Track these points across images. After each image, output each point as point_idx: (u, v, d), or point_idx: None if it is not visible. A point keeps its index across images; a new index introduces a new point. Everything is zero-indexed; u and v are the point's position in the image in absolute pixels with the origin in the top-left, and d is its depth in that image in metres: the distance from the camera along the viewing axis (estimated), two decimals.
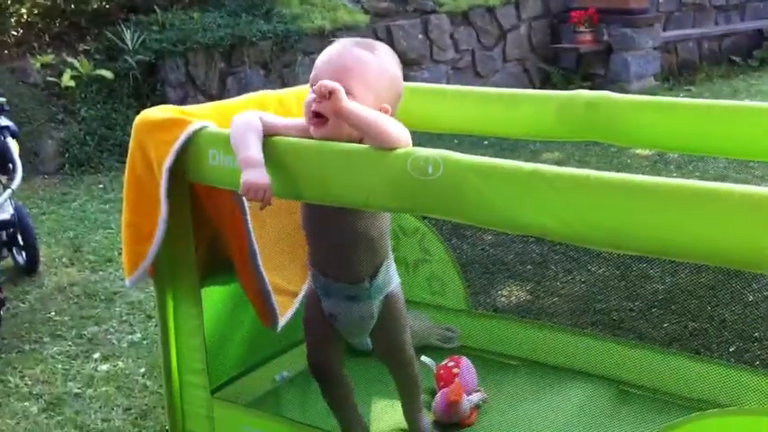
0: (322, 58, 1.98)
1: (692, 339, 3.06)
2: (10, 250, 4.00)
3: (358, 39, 2.06)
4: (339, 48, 1.99)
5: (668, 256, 1.52)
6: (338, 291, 2.13)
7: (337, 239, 2.07)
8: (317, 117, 1.91)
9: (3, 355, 3.19)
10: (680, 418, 1.69)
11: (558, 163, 5.22)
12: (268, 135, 1.94)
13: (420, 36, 7.85)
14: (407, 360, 2.27)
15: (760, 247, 1.39)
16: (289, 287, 2.46)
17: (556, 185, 1.57)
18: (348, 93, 1.87)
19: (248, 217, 2.19)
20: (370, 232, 2.07)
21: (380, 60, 1.99)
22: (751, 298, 3.37)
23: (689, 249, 1.47)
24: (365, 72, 1.95)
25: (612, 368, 2.59)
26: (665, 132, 2.27)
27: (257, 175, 1.84)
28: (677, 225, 1.46)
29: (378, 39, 2.11)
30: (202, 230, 2.24)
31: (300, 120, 2.00)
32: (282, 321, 2.39)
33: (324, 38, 7.19)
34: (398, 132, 1.82)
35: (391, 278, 2.17)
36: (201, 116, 2.10)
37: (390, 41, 7.45)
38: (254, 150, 1.88)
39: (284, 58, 7.04)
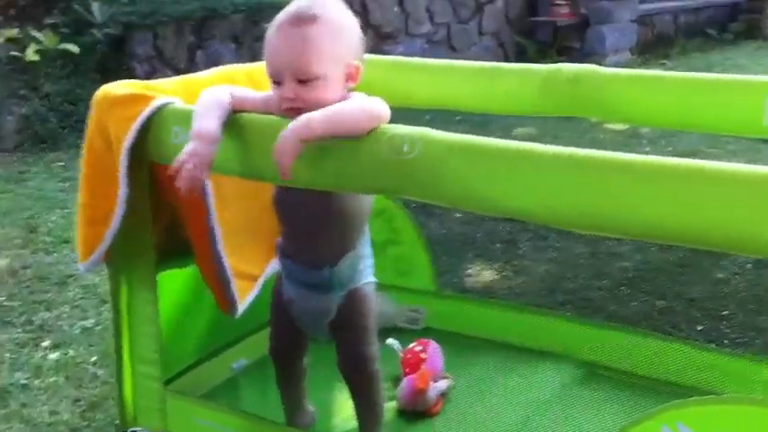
0: (268, 47, 1.84)
1: (661, 318, 3.04)
2: None
3: (292, 10, 1.84)
4: (281, 35, 1.82)
5: (660, 240, 1.43)
6: (298, 275, 2.03)
7: (311, 215, 1.94)
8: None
9: None
10: (654, 404, 1.64)
11: (532, 139, 5.13)
12: (238, 111, 1.83)
13: (395, 9, 7.73)
14: (367, 378, 2.06)
15: (759, 231, 1.31)
16: (249, 270, 2.36)
17: (538, 165, 1.47)
18: (315, 78, 1.78)
19: (211, 199, 2.09)
20: (350, 208, 1.95)
21: (327, 24, 1.82)
22: (720, 275, 3.34)
23: (683, 233, 1.38)
24: (318, 50, 1.79)
25: (582, 349, 2.55)
26: (650, 106, 2.21)
27: (202, 149, 1.71)
28: (672, 207, 1.37)
29: (352, 11, 1.96)
30: (161, 212, 2.15)
31: (270, 93, 1.90)
32: (242, 307, 2.29)
33: None
34: (372, 115, 1.68)
35: (359, 273, 2.03)
36: (166, 91, 2.00)
37: (365, 14, 7.33)
38: (211, 123, 1.75)
39: (256, 32, 6.90)
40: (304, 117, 1.67)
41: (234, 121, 1.81)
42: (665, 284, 3.28)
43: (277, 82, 1.82)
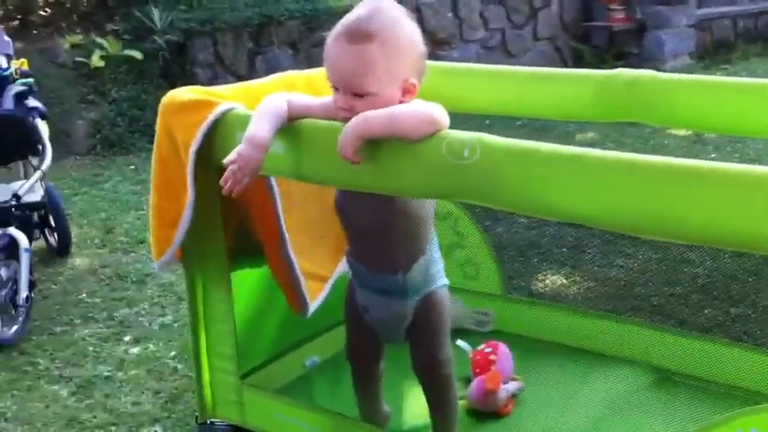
0: (326, 57, 1.85)
1: (734, 325, 2.99)
2: (42, 232, 4.01)
3: (350, 23, 1.82)
4: (337, 49, 1.82)
5: (721, 245, 1.43)
6: (371, 281, 2.05)
7: (373, 219, 1.96)
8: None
9: (34, 338, 3.19)
10: (726, 410, 1.65)
11: (593, 144, 5.13)
12: (297, 117, 1.86)
13: (449, 14, 7.75)
14: (442, 380, 2.09)
15: None
16: (319, 272, 2.42)
17: (599, 170, 1.48)
18: (369, 94, 1.79)
19: (278, 201, 2.15)
20: (412, 211, 1.95)
21: (385, 43, 1.79)
22: None
23: (747, 239, 1.37)
24: (372, 68, 1.79)
25: (652, 355, 2.54)
26: (709, 112, 2.18)
27: (250, 154, 1.76)
28: (733, 213, 1.37)
29: None
30: (231, 215, 2.20)
31: (329, 99, 1.93)
32: (312, 307, 2.35)
33: None
34: (426, 120, 1.70)
35: (432, 277, 2.05)
36: (229, 97, 2.04)
37: (419, 20, 7.35)
38: (263, 129, 1.79)
39: (312, 38, 6.98)
40: (363, 114, 1.71)
41: (292, 126, 1.85)
42: (738, 291, 3.23)
43: (335, 88, 1.86)
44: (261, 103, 1.89)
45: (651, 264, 3.52)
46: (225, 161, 1.77)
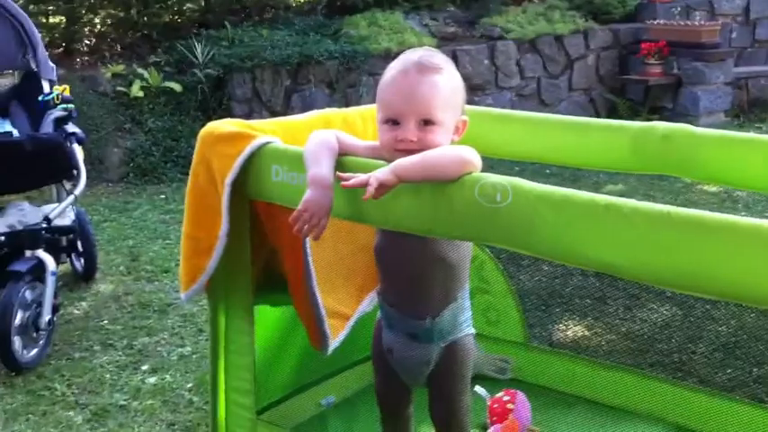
0: (392, 90, 1.89)
1: (757, 386, 2.93)
2: (69, 256, 4.04)
3: (417, 58, 1.91)
4: (410, 78, 1.88)
5: (750, 302, 1.41)
6: (399, 324, 2.03)
7: (410, 263, 1.96)
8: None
9: (52, 362, 3.21)
10: None
11: (622, 196, 5.09)
12: (346, 155, 1.87)
13: (486, 62, 7.81)
14: (459, 429, 2.06)
15: None
16: (342, 310, 2.40)
17: (633, 221, 1.46)
18: (431, 122, 1.84)
19: (308, 239, 2.14)
20: (448, 258, 1.95)
21: (449, 77, 1.91)
22: None
23: None
24: (442, 98, 1.87)
25: (672, 412, 2.50)
26: (744, 169, 2.16)
27: (321, 196, 1.75)
28: (764, 270, 1.34)
29: None
30: (260, 247, 2.20)
31: (375, 142, 1.95)
32: (333, 345, 2.33)
33: (389, 59, 7.17)
34: (456, 160, 1.71)
35: (460, 325, 2.04)
36: (267, 131, 2.05)
37: (456, 66, 7.40)
38: (325, 169, 1.79)
39: (349, 78, 7.07)
40: (398, 160, 1.72)
41: (342, 163, 1.84)
42: (761, 352, 3.16)
43: (395, 122, 1.86)
44: (310, 139, 1.90)
45: (675, 320, 3.47)
46: (295, 214, 1.74)
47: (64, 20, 7.24)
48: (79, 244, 3.99)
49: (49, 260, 3.34)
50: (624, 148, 2.30)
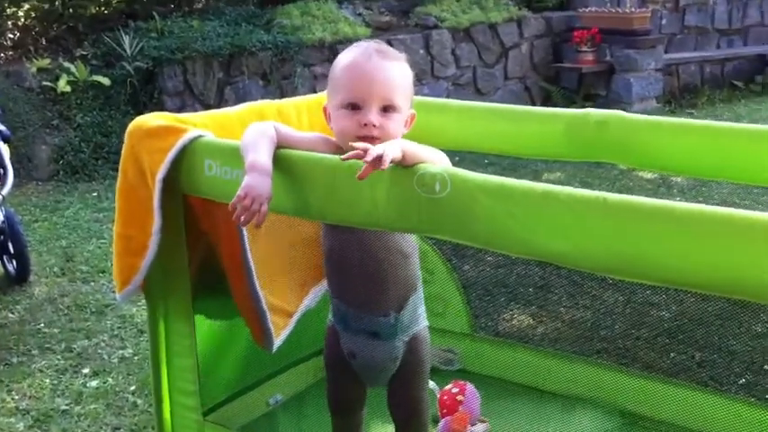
0: (353, 73, 1.85)
1: (700, 370, 3.00)
2: (0, 258, 3.92)
3: (377, 45, 1.91)
4: (373, 63, 1.85)
5: (687, 287, 1.42)
6: (359, 324, 1.98)
7: (367, 259, 1.92)
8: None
9: None
10: None
11: (561, 184, 5.16)
12: (284, 147, 1.82)
13: (421, 51, 7.82)
14: (420, 422, 2.05)
15: None
16: (284, 306, 2.36)
17: (571, 208, 1.46)
18: (393, 109, 1.84)
19: (244, 232, 2.09)
20: (404, 248, 1.93)
21: (406, 67, 1.93)
22: (759, 329, 3.29)
23: (716, 282, 1.36)
24: (402, 85, 1.89)
25: (618, 397, 2.52)
26: (678, 154, 2.17)
27: (260, 182, 1.68)
28: (703, 255, 1.35)
29: None
30: (196, 244, 2.15)
31: (315, 134, 1.93)
32: (277, 342, 2.29)
33: (324, 50, 7.15)
34: (440, 158, 1.72)
35: (419, 317, 2.03)
36: (198, 125, 1.99)
37: None
38: (265, 156, 1.74)
39: (284, 70, 6.99)
40: (401, 140, 1.70)
41: (281, 157, 1.78)
42: (703, 336, 3.23)
43: (355, 107, 1.83)
44: (248, 130, 1.84)
45: (617, 306, 3.53)
46: (234, 201, 1.67)
47: None
48: (10, 245, 3.87)
49: None
50: (559, 135, 2.30)
